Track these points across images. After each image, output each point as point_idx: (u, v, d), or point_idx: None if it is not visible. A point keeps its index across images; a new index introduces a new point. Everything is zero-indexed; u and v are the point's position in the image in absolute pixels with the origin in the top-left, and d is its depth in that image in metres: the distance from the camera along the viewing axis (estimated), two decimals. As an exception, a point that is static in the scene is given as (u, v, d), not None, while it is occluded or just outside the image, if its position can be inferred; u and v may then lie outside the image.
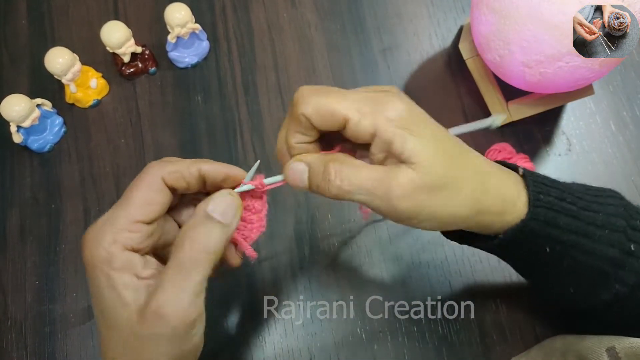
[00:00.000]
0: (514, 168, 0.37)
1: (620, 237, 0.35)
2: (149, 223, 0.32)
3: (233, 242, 0.36)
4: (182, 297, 0.30)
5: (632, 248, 0.35)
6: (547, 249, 0.35)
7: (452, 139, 0.33)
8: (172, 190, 0.33)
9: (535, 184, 0.35)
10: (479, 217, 0.33)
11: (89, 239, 0.31)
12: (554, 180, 0.36)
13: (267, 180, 0.35)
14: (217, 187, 0.34)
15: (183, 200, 0.37)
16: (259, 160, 0.35)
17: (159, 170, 0.32)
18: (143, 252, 0.32)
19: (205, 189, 0.35)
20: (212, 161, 0.34)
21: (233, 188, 0.34)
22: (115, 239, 0.30)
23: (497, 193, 0.33)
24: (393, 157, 0.31)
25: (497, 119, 0.39)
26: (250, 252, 0.36)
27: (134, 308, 0.30)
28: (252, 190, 0.35)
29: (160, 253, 0.35)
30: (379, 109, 0.30)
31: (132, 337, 0.30)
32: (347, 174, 0.31)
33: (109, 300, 0.30)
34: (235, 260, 0.37)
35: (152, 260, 0.33)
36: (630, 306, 0.37)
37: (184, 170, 0.33)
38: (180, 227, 0.36)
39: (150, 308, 0.29)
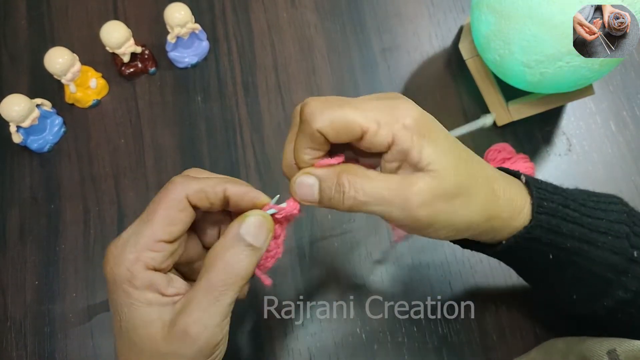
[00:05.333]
0: (516, 175, 0.37)
1: (623, 244, 0.35)
2: (171, 242, 0.31)
3: None
4: (211, 318, 0.29)
5: (635, 255, 0.35)
6: (551, 256, 0.35)
7: (460, 144, 0.32)
8: (195, 208, 0.32)
9: (538, 190, 0.35)
10: (490, 223, 0.33)
11: (111, 257, 0.30)
12: (556, 187, 0.36)
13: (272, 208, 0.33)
14: (240, 209, 0.33)
15: (206, 217, 0.36)
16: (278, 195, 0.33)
17: (184, 188, 0.31)
18: (166, 270, 0.32)
19: (228, 208, 0.34)
20: (238, 181, 0.33)
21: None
22: (138, 257, 0.30)
23: (506, 198, 0.33)
24: (408, 166, 0.30)
25: (488, 119, 0.38)
26: (266, 280, 0.34)
27: (158, 325, 0.30)
28: (275, 215, 0.33)
29: (183, 270, 0.35)
30: (395, 117, 0.29)
31: (154, 356, 0.30)
32: (362, 185, 0.30)
33: (130, 319, 0.30)
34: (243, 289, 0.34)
35: (176, 278, 0.32)
36: (632, 312, 0.37)
37: (209, 191, 0.32)
38: (202, 244, 0.36)
39: (177, 326, 0.29)
